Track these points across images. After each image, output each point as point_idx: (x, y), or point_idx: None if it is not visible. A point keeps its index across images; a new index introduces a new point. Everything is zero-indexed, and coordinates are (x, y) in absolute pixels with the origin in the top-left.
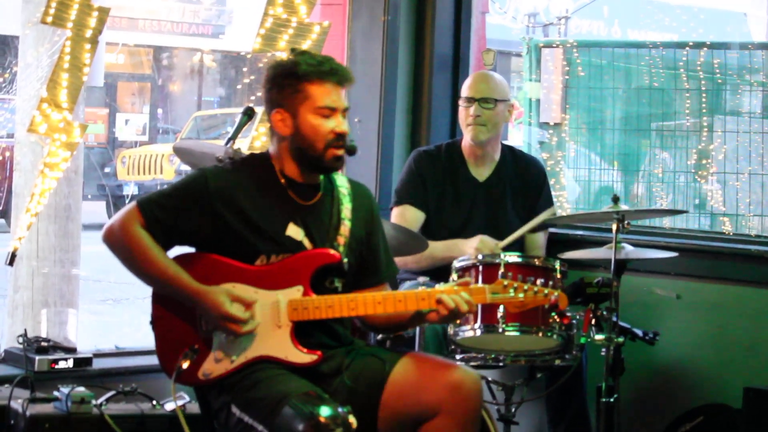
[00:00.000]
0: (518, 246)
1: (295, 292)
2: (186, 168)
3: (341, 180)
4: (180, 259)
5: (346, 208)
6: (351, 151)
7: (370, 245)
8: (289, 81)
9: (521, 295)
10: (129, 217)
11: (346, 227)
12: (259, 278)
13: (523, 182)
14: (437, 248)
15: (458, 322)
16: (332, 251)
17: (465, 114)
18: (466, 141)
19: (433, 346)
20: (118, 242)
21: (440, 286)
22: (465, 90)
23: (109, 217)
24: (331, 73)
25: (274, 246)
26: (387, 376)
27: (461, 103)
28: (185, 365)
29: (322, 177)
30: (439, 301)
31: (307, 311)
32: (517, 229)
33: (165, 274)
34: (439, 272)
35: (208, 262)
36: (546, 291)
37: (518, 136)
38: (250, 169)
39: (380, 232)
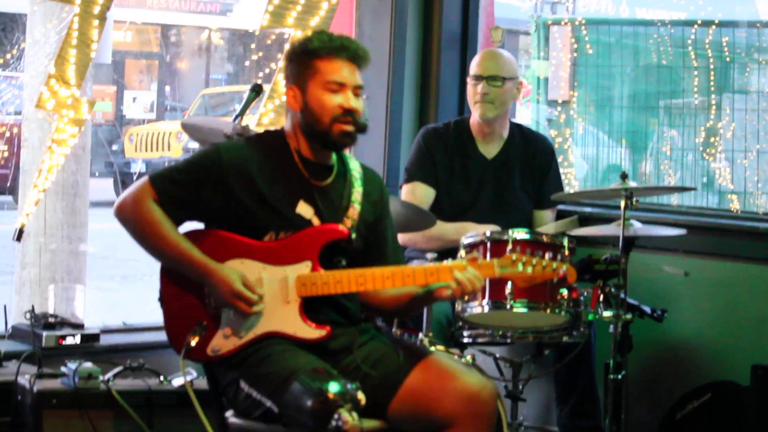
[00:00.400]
0: (526, 223)
1: (304, 268)
2: (194, 145)
3: (354, 163)
4: (189, 235)
5: (357, 192)
6: (362, 128)
7: (378, 231)
8: (301, 58)
9: (530, 269)
10: (141, 192)
11: (355, 210)
12: (268, 254)
13: (531, 160)
14: (448, 231)
15: (466, 298)
16: (341, 227)
17: (473, 91)
18: (474, 118)
19: (441, 324)
20: (130, 217)
21: (449, 262)
22: (473, 67)
23: (117, 194)
24: (341, 49)
25: (284, 223)
26: (404, 376)
27: (469, 80)
28: (194, 342)
29: (335, 158)
30: (449, 277)
31: (316, 286)
32: (528, 209)
33: (176, 249)
34: (447, 251)
35: (217, 238)
36: (554, 265)
37: (526, 114)
38: (264, 145)
39: (389, 220)
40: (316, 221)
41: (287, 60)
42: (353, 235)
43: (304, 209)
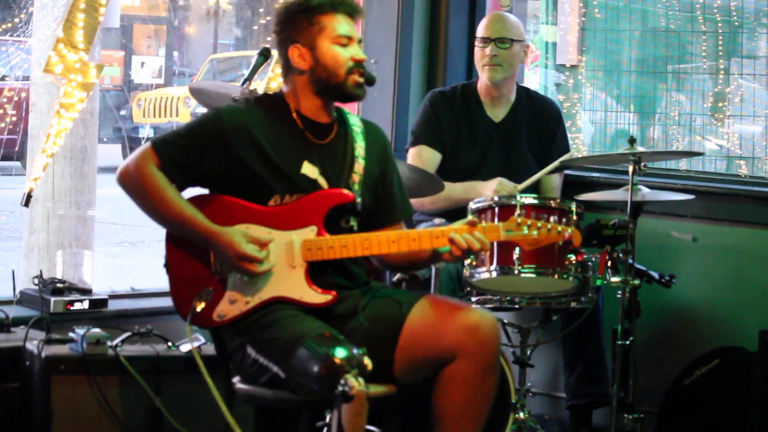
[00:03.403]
0: (533, 188)
1: (309, 233)
2: (202, 110)
3: (354, 119)
4: (193, 201)
5: (360, 147)
6: (370, 80)
7: (385, 183)
8: (302, 16)
9: (535, 232)
10: (143, 158)
11: (360, 165)
12: (273, 219)
13: (538, 123)
14: (455, 190)
15: (474, 263)
16: (345, 191)
17: (481, 54)
18: (482, 82)
19: (448, 288)
20: (133, 183)
21: (454, 225)
22: (481, 30)
23: (125, 159)
24: (341, 3)
25: (289, 185)
26: (404, 319)
27: (477, 43)
28: (200, 307)
29: (335, 115)
30: (452, 241)
31: (321, 251)
32: (535, 172)
33: (180, 214)
34: (455, 214)
35: (222, 204)
36: (559, 228)
37: (535, 79)
38: (265, 108)
39: (394, 171)
40: (322, 180)
41: (284, 21)
42: (358, 199)
43: (308, 169)
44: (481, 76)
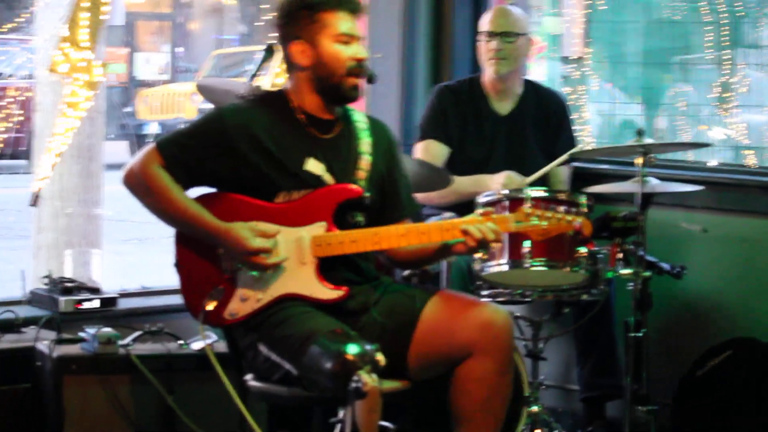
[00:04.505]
0: (541, 181)
1: (318, 228)
2: (208, 106)
3: (358, 115)
4: (200, 200)
5: (366, 143)
6: (371, 79)
7: (391, 180)
8: (304, 12)
9: (544, 222)
10: (148, 159)
11: (366, 161)
12: (281, 216)
13: (544, 116)
14: (463, 183)
15: (484, 257)
16: (353, 186)
17: (485, 48)
18: (489, 75)
19: (459, 283)
20: (139, 184)
21: (463, 218)
22: (485, 25)
23: (132, 156)
24: (345, 1)
25: (294, 181)
26: (418, 314)
27: (481, 38)
28: (211, 306)
29: (339, 111)
30: (465, 232)
31: (331, 247)
32: (542, 165)
33: (186, 213)
34: (464, 208)
35: (229, 202)
36: (569, 218)
37: (540, 72)
38: (267, 106)
39: (401, 168)
40: (327, 177)
41: (287, 17)
42: (366, 193)
43: (313, 166)
44: (486, 70)
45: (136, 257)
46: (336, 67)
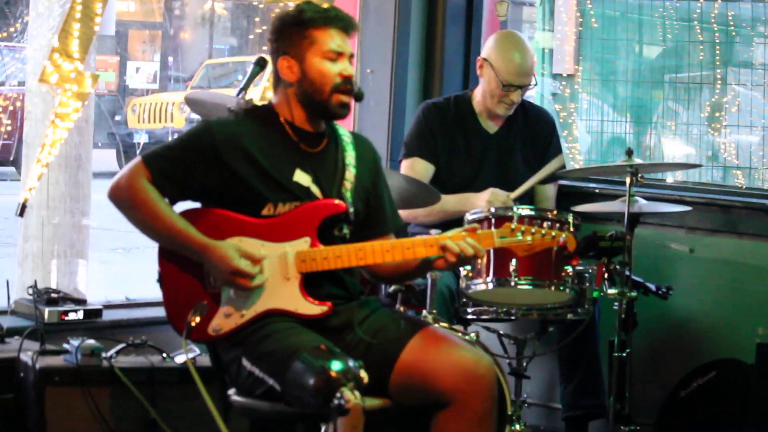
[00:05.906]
0: (528, 199)
1: (303, 244)
2: (197, 116)
3: (342, 130)
4: (185, 215)
5: (350, 156)
6: (358, 96)
7: (376, 194)
8: (295, 28)
9: (529, 238)
10: (135, 173)
11: (351, 173)
12: (266, 231)
13: (533, 134)
14: (449, 202)
15: (470, 275)
16: (337, 201)
17: (501, 94)
18: (486, 102)
19: (445, 301)
20: (125, 198)
21: (448, 233)
22: (509, 74)
23: (120, 165)
24: (336, 18)
25: (282, 193)
26: (403, 345)
27: (503, 85)
28: (195, 322)
29: (325, 125)
30: (444, 248)
31: (316, 262)
32: (527, 180)
33: (173, 228)
34: (451, 225)
35: (214, 217)
36: (554, 233)
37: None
38: (255, 119)
39: (384, 184)
40: (314, 188)
41: (277, 32)
42: (351, 209)
43: (301, 177)
44: (492, 107)
45: (121, 266)
46: (322, 83)
